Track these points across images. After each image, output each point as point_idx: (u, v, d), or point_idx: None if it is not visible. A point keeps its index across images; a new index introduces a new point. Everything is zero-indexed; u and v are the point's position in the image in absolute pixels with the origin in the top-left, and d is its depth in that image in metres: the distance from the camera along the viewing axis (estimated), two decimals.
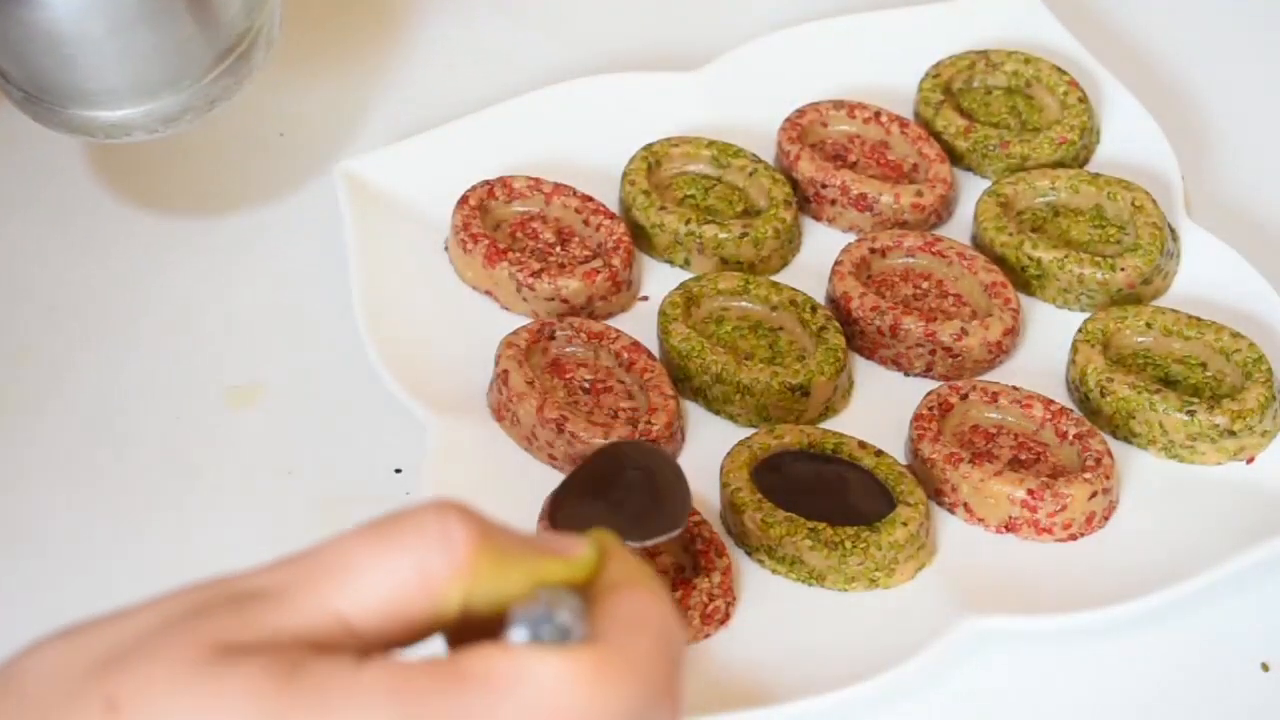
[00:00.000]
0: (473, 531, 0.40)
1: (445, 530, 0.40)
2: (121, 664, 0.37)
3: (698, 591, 0.69)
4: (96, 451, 0.78)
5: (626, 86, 0.89)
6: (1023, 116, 0.89)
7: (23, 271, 0.86)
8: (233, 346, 0.82)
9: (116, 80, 0.75)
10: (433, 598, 0.39)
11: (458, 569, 0.39)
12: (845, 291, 0.80)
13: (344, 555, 0.39)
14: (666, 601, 0.41)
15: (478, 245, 0.81)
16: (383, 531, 0.40)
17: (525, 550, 0.41)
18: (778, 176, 0.85)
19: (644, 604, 0.40)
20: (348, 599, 0.39)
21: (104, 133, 0.77)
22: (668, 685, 0.39)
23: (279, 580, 0.39)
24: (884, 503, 0.72)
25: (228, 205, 0.88)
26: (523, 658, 0.38)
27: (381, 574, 0.39)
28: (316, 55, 0.96)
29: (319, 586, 0.39)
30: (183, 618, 0.38)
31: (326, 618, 0.39)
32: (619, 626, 0.39)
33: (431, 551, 0.39)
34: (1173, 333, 0.78)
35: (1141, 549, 0.72)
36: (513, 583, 0.40)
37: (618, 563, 0.42)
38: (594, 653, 0.38)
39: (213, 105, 0.78)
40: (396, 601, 0.39)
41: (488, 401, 0.77)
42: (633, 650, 0.39)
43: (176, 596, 0.39)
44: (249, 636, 0.38)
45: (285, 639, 0.38)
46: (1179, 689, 0.70)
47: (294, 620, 0.39)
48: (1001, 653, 0.70)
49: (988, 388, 0.76)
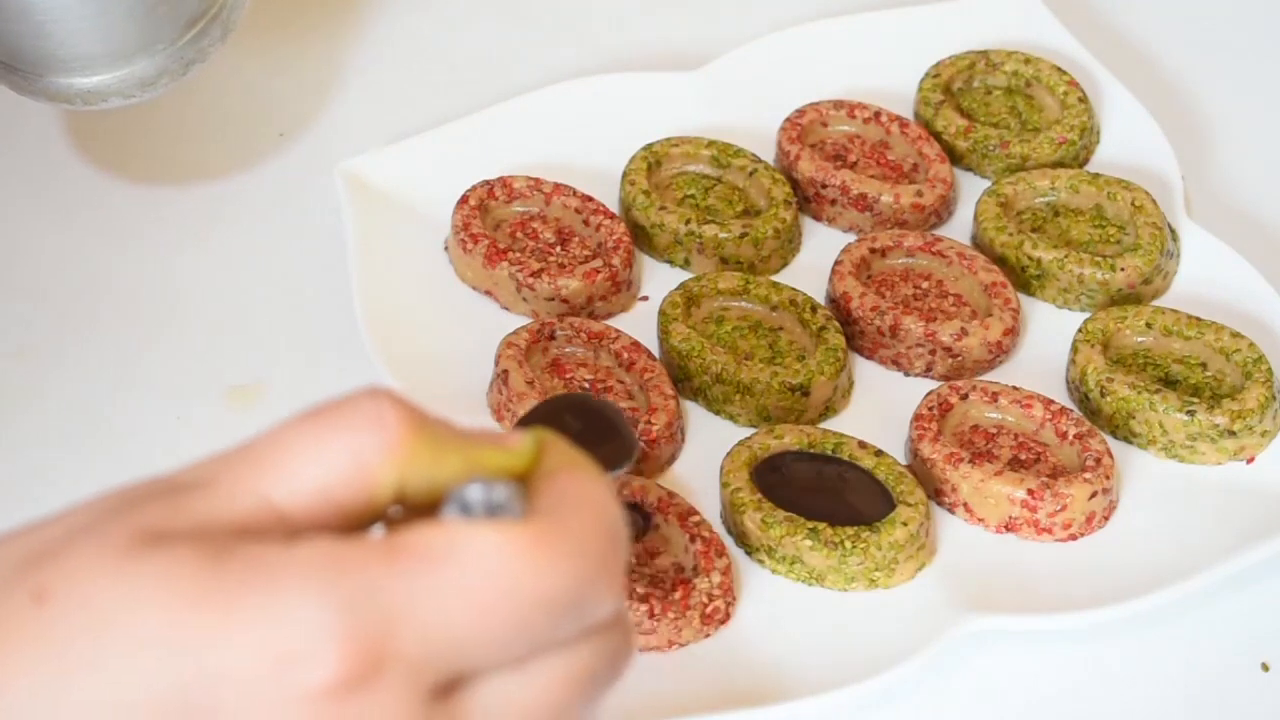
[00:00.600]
0: (406, 415, 0.39)
1: (378, 413, 0.39)
2: (50, 556, 0.37)
3: (698, 591, 0.69)
4: (96, 451, 0.78)
5: (626, 86, 0.89)
6: (1023, 116, 0.89)
7: (22, 272, 0.86)
8: (233, 346, 0.82)
9: (90, 46, 0.76)
10: (366, 481, 0.39)
11: (390, 451, 0.39)
12: (845, 291, 0.80)
13: (275, 443, 0.39)
14: (604, 483, 0.40)
15: (478, 245, 0.81)
16: (315, 417, 0.39)
17: (461, 439, 0.40)
18: (778, 176, 0.85)
19: (581, 484, 0.40)
20: (279, 485, 0.38)
21: (81, 99, 0.77)
22: (605, 562, 0.39)
23: (209, 471, 0.39)
24: (884, 503, 0.72)
25: (228, 205, 0.88)
26: (456, 531, 0.37)
27: (312, 458, 0.38)
28: (316, 55, 0.96)
29: (249, 474, 0.38)
30: (111, 510, 0.38)
31: (257, 503, 0.38)
32: (556, 505, 0.39)
33: (364, 434, 0.39)
34: (1173, 333, 0.78)
35: (1141, 549, 0.72)
36: (449, 469, 0.39)
37: (556, 453, 0.41)
38: (529, 527, 0.38)
39: (188, 68, 0.78)
40: (328, 485, 0.38)
41: (488, 401, 0.77)
42: (570, 526, 0.38)
43: (107, 495, 0.39)
44: (177, 523, 0.37)
45: (214, 525, 0.38)
46: (1179, 689, 0.70)
47: (223, 506, 0.38)
48: (1001, 653, 0.70)
49: (988, 388, 0.76)
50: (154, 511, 0.38)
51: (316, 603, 0.36)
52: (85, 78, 0.77)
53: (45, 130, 0.91)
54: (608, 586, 0.39)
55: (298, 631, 0.36)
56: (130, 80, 0.77)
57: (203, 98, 0.91)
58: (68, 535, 0.38)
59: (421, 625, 0.37)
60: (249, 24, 0.82)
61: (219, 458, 0.39)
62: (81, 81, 0.77)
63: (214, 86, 0.91)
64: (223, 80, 0.91)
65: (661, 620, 0.68)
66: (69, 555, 0.37)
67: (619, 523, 0.40)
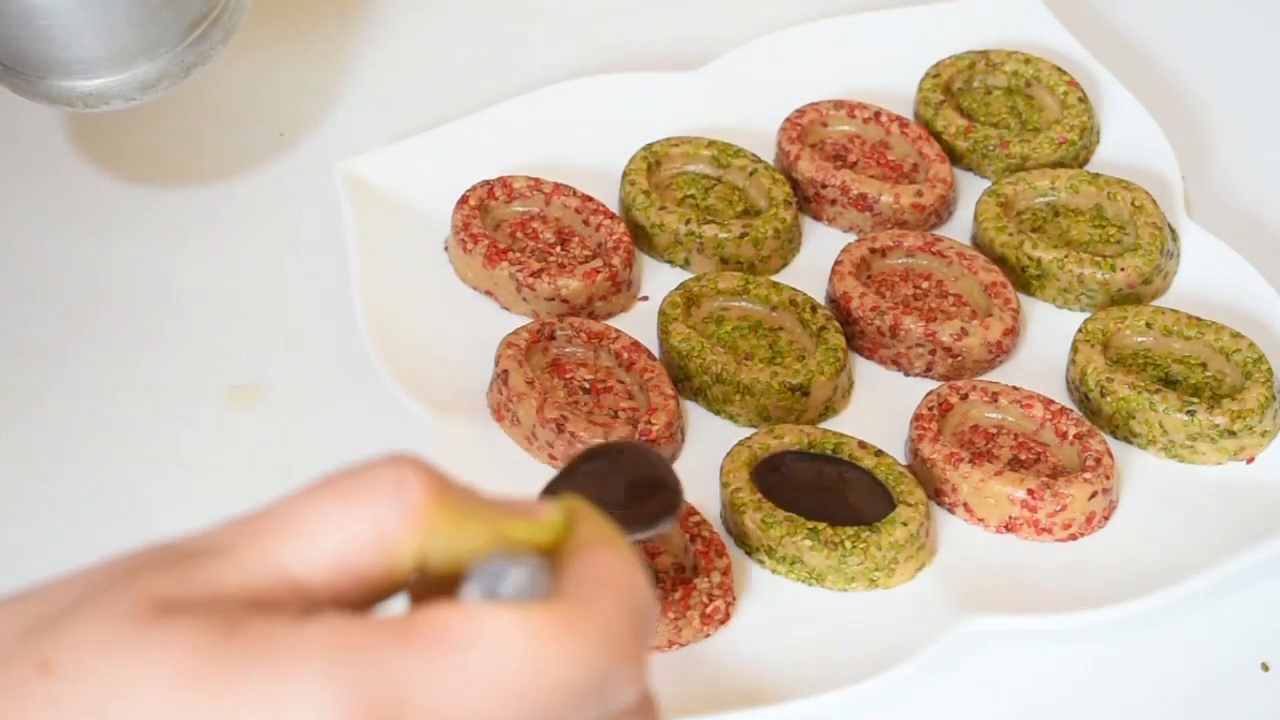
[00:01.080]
0: (429, 484, 0.38)
1: (400, 483, 0.37)
2: (57, 624, 0.36)
3: (698, 591, 0.69)
4: (96, 451, 0.78)
5: (626, 86, 0.89)
6: (1023, 116, 0.89)
7: (23, 272, 0.86)
8: (233, 346, 0.82)
9: (92, 50, 0.76)
10: (386, 553, 0.37)
11: (412, 522, 0.37)
12: (845, 291, 0.80)
13: (293, 511, 0.37)
14: (634, 562, 0.38)
15: (478, 245, 0.81)
16: (334, 485, 0.38)
17: (487, 509, 0.39)
18: (778, 176, 0.85)
19: (609, 563, 0.38)
20: (295, 554, 0.37)
21: (82, 102, 0.78)
22: (630, 648, 0.37)
23: (225, 537, 0.37)
24: (884, 503, 0.72)
25: (228, 205, 0.88)
26: (476, 614, 0.36)
27: (331, 527, 0.37)
28: (316, 55, 0.96)
29: (265, 542, 0.37)
30: (121, 577, 0.37)
31: (271, 574, 0.37)
32: (581, 586, 0.37)
33: (384, 504, 0.37)
34: (1173, 333, 0.78)
35: (1141, 549, 0.72)
36: (473, 541, 0.38)
37: (587, 526, 0.39)
38: (552, 611, 0.36)
39: (189, 72, 0.78)
40: (347, 556, 0.37)
41: (488, 401, 0.77)
42: (594, 609, 0.37)
43: (118, 559, 0.38)
44: (188, 593, 0.36)
45: (227, 595, 0.36)
46: (1179, 689, 0.70)
47: (236, 576, 0.37)
48: (1001, 653, 0.70)
49: (988, 388, 0.76)
50: (165, 579, 0.36)
51: (325, 686, 0.35)
52: (87, 81, 0.77)
53: (45, 130, 0.91)
54: (633, 672, 0.37)
55: (305, 713, 0.35)
56: (132, 83, 0.77)
57: (203, 98, 0.91)
58: (77, 602, 0.37)
59: (435, 710, 0.35)
60: (249, 24, 0.82)
61: (235, 523, 0.38)
62: (83, 84, 0.77)
63: (214, 87, 0.91)
64: (223, 80, 0.91)
65: (661, 620, 0.68)
66: (76, 624, 0.36)
67: (648, 605, 0.38)
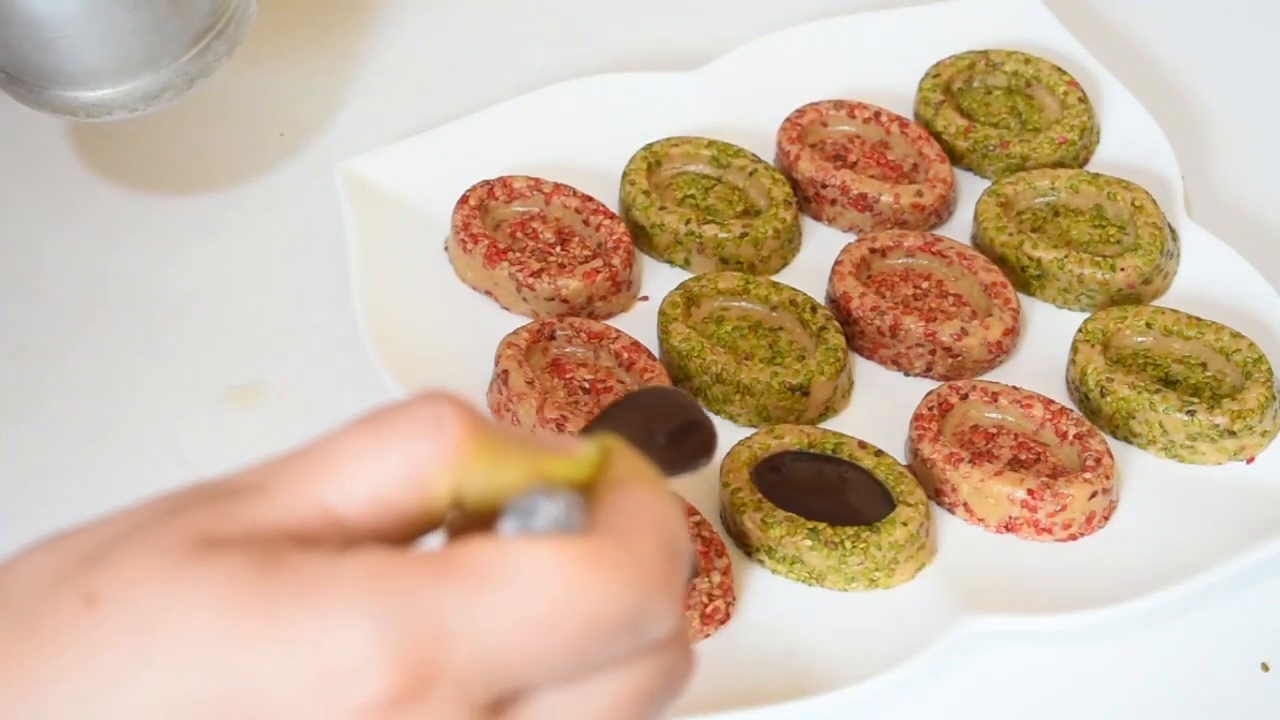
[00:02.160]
0: (465, 420, 0.38)
1: (436, 418, 0.38)
2: (101, 559, 0.37)
3: (698, 591, 0.69)
4: (96, 452, 0.78)
5: (626, 86, 0.89)
6: (1023, 116, 0.89)
7: (22, 272, 0.86)
8: (233, 346, 0.82)
9: (96, 61, 0.76)
10: (422, 489, 0.38)
11: (448, 458, 0.38)
12: (845, 291, 0.80)
13: (331, 448, 0.38)
14: (670, 499, 0.39)
15: (478, 245, 0.81)
16: (372, 422, 0.38)
17: (523, 446, 0.39)
18: (778, 176, 0.85)
19: (645, 499, 0.38)
20: (334, 490, 0.37)
21: (85, 112, 0.78)
22: (665, 582, 0.37)
23: (264, 475, 0.38)
24: (884, 503, 0.72)
25: (228, 205, 0.88)
26: (512, 548, 0.36)
27: (368, 463, 0.38)
28: (316, 56, 0.96)
29: (304, 479, 0.38)
30: (164, 514, 0.37)
31: (311, 509, 0.37)
32: (617, 520, 0.38)
33: (421, 439, 0.38)
34: (1173, 333, 0.78)
35: (1141, 549, 0.72)
36: (509, 477, 0.38)
37: (622, 463, 0.40)
38: (587, 544, 0.36)
39: (192, 83, 0.78)
40: (385, 491, 0.38)
41: (488, 401, 0.77)
42: (629, 544, 0.37)
43: (161, 497, 0.38)
44: (230, 529, 0.37)
45: (268, 531, 0.37)
46: (1179, 689, 0.70)
47: (277, 512, 0.37)
48: (1001, 653, 0.70)
49: (988, 388, 0.76)
50: (207, 516, 0.37)
51: (366, 618, 0.35)
52: (90, 91, 0.77)
53: (46, 131, 0.91)
54: (667, 605, 0.38)
55: (346, 647, 0.35)
56: (135, 94, 0.77)
57: (203, 99, 0.91)
58: (120, 538, 0.37)
59: (473, 643, 0.36)
60: None
61: (275, 462, 0.38)
62: (86, 95, 0.77)
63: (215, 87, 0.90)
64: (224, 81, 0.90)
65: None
66: (120, 559, 0.37)
67: (681, 539, 0.39)
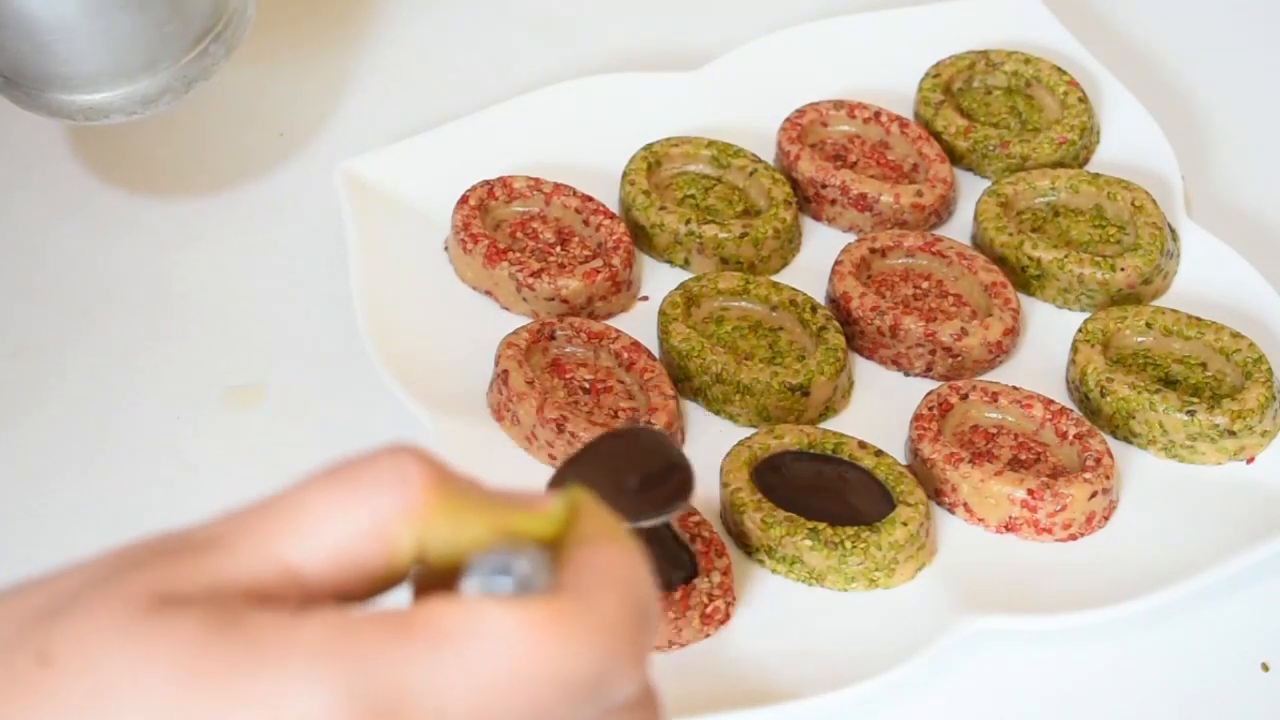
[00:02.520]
0: (429, 475, 0.37)
1: (399, 473, 0.37)
2: (55, 616, 0.36)
3: (698, 591, 0.69)
4: (96, 451, 0.78)
5: (626, 86, 0.89)
6: (1023, 116, 0.89)
7: (22, 272, 0.86)
8: (233, 346, 0.82)
9: (93, 65, 0.76)
10: (385, 544, 0.37)
11: (410, 513, 0.37)
12: (845, 291, 0.80)
13: (292, 502, 0.37)
14: (637, 556, 0.38)
15: (478, 245, 0.81)
16: (333, 476, 0.37)
17: (488, 500, 0.38)
18: (778, 176, 0.85)
19: (612, 558, 0.37)
20: (294, 546, 0.37)
21: (83, 115, 0.78)
22: (631, 643, 0.37)
23: (224, 529, 0.37)
24: (884, 503, 0.72)
25: (228, 205, 0.88)
26: (474, 609, 0.35)
27: (330, 518, 0.37)
28: (316, 56, 0.96)
29: (264, 534, 0.37)
30: (121, 569, 0.37)
31: (271, 566, 0.37)
32: (582, 580, 0.37)
33: (384, 495, 0.37)
34: (1173, 333, 0.78)
35: (1141, 549, 0.72)
36: (474, 533, 0.37)
37: (590, 519, 0.39)
38: (552, 606, 0.36)
39: (190, 87, 0.78)
40: (346, 548, 0.37)
41: (488, 401, 0.77)
42: (595, 605, 0.36)
43: (118, 550, 0.38)
44: (188, 586, 0.36)
45: (227, 589, 0.36)
46: (1179, 689, 0.70)
47: (236, 569, 0.36)
48: (1001, 653, 0.70)
49: (988, 388, 0.76)
50: (165, 572, 0.36)
51: (325, 680, 0.35)
52: (88, 95, 0.77)
53: (45, 130, 0.91)
54: (633, 666, 0.37)
55: (305, 710, 0.34)
56: (133, 97, 0.77)
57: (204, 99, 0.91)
58: (76, 593, 0.36)
59: (432, 707, 0.35)
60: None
61: (235, 515, 0.38)
62: (84, 98, 0.77)
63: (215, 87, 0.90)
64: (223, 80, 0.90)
65: (661, 620, 0.68)
66: (76, 616, 0.36)
67: (649, 598, 0.38)
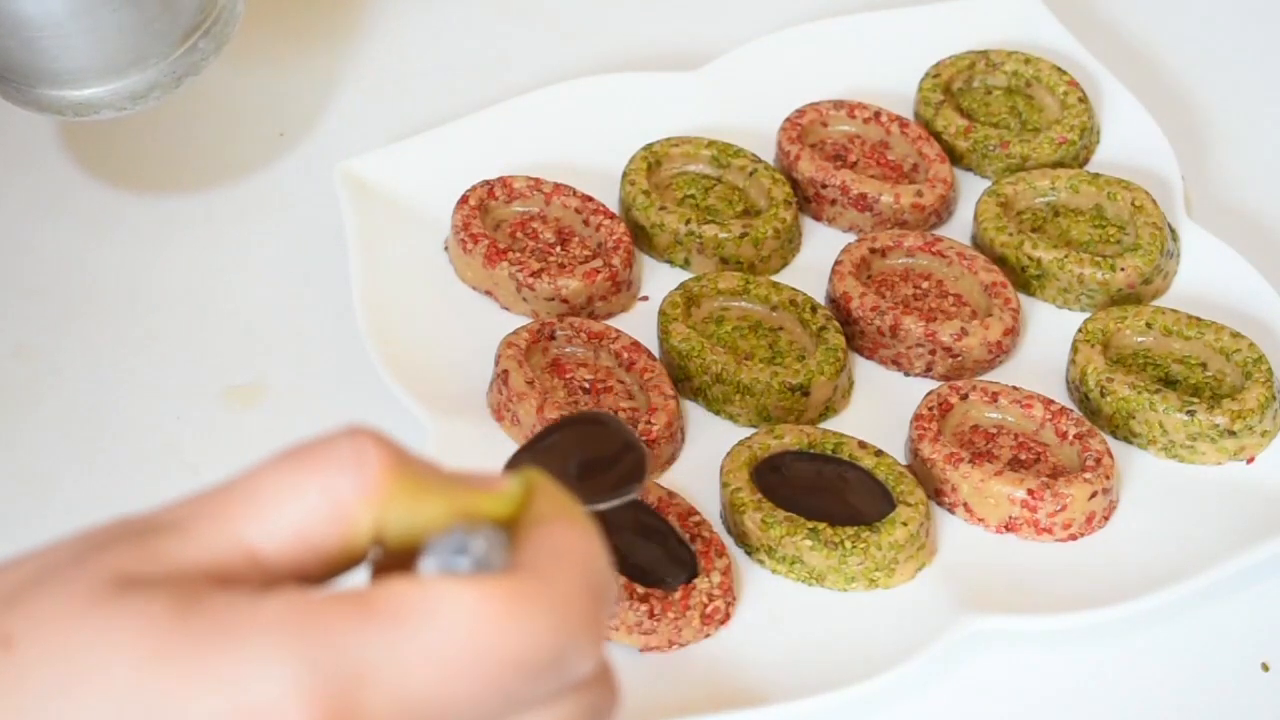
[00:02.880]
0: (386, 456, 0.38)
1: (358, 454, 0.38)
2: (18, 600, 0.36)
3: (698, 591, 0.69)
4: (96, 451, 0.78)
5: (626, 86, 0.89)
6: (1023, 116, 0.89)
7: (22, 271, 0.86)
8: (233, 346, 0.82)
9: (82, 60, 0.76)
10: (343, 525, 0.38)
11: (368, 494, 0.37)
12: (845, 291, 0.80)
13: (251, 484, 0.38)
14: (593, 536, 0.39)
15: (478, 245, 0.81)
16: (292, 458, 0.38)
17: (446, 482, 0.39)
18: (778, 176, 0.85)
19: (568, 536, 0.38)
20: (255, 528, 0.37)
21: (72, 111, 0.77)
22: (587, 621, 0.37)
23: (184, 512, 0.38)
24: (884, 503, 0.72)
25: (228, 205, 0.88)
26: (432, 588, 0.36)
27: (289, 500, 0.37)
28: (316, 55, 0.96)
29: (225, 516, 0.37)
30: (83, 552, 0.37)
31: (232, 548, 0.37)
32: (539, 559, 0.37)
33: (341, 475, 0.38)
34: (1173, 333, 0.78)
35: (1141, 549, 0.72)
36: (431, 513, 0.38)
37: (546, 499, 0.39)
38: (508, 584, 0.36)
39: (179, 82, 0.78)
40: (305, 528, 0.37)
41: (488, 401, 0.77)
42: (551, 583, 0.37)
43: (80, 535, 0.38)
44: (149, 568, 0.36)
45: (188, 570, 0.37)
46: (1179, 689, 0.70)
47: (197, 551, 0.37)
48: (1001, 653, 0.70)
49: (988, 388, 0.76)
50: (126, 554, 0.37)
51: (284, 661, 0.35)
52: (77, 90, 0.77)
53: (42, 129, 0.91)
54: (589, 644, 0.37)
55: (265, 688, 0.35)
56: (122, 93, 0.77)
57: (203, 98, 0.91)
58: (38, 577, 0.37)
59: (392, 686, 0.36)
60: (248, 24, 0.82)
61: (195, 498, 0.38)
62: (73, 94, 0.77)
63: (214, 86, 0.91)
64: (223, 80, 0.91)
65: (661, 620, 0.68)
66: (38, 599, 0.36)
67: (604, 576, 0.38)
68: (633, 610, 0.68)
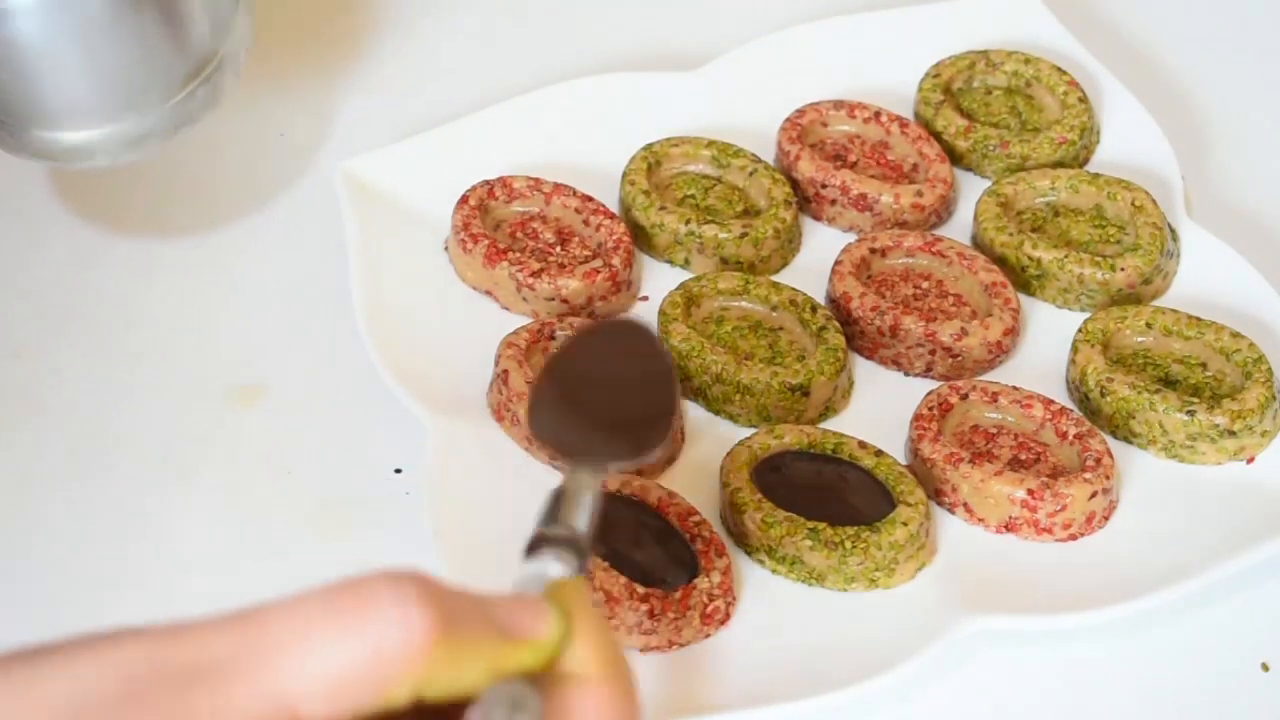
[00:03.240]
0: (432, 616, 0.38)
1: (403, 610, 0.37)
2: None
3: (698, 591, 0.69)
4: (97, 451, 0.78)
5: (626, 86, 0.89)
6: (1023, 116, 0.89)
7: (23, 271, 0.86)
8: (233, 347, 0.82)
9: (80, 97, 0.75)
10: (385, 685, 0.37)
11: (413, 656, 0.37)
12: (845, 291, 0.80)
13: (294, 626, 0.38)
14: (630, 698, 0.39)
15: (478, 245, 0.81)
16: (336, 603, 0.38)
17: (485, 635, 0.39)
18: (778, 176, 0.85)
19: (603, 702, 0.39)
20: (294, 679, 0.37)
21: (66, 156, 0.76)
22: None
23: (224, 652, 0.37)
24: (884, 503, 0.72)
25: (228, 205, 0.88)
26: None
27: (332, 652, 0.37)
28: (316, 56, 0.96)
29: (265, 663, 0.37)
30: (119, 703, 0.37)
31: (270, 705, 0.37)
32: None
33: (387, 632, 0.37)
34: (1173, 333, 0.78)
35: (1141, 549, 0.72)
36: (470, 673, 0.38)
37: (584, 643, 0.40)
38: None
39: (177, 130, 0.77)
40: (346, 684, 0.37)
41: (488, 401, 0.77)
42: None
43: (122, 662, 0.37)
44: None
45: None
46: (1179, 689, 0.70)
47: (237, 707, 0.37)
48: (1001, 653, 0.70)
49: (988, 388, 0.76)
50: (166, 708, 0.37)
51: None
52: (72, 133, 0.75)
53: None
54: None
55: None
56: (118, 138, 0.76)
57: None
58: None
59: None
60: None
61: (234, 630, 0.38)
62: (68, 137, 0.75)
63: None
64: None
65: (661, 620, 0.68)
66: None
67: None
68: (633, 610, 0.68)
